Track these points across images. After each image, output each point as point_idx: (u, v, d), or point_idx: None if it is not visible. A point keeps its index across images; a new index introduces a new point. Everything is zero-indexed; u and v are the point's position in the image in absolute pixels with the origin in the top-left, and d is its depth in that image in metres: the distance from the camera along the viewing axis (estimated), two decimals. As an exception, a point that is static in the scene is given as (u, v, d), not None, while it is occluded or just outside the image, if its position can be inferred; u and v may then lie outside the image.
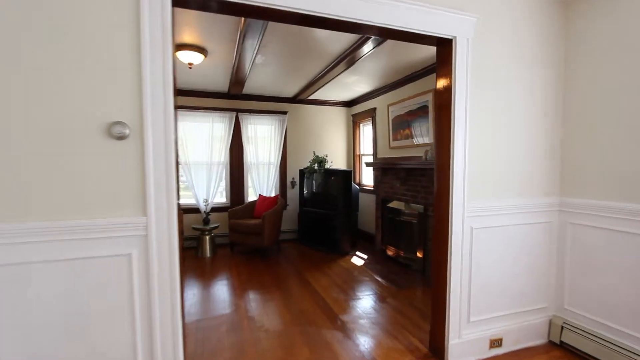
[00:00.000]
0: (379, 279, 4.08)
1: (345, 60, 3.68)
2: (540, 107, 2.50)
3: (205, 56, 3.66)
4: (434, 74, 4.14)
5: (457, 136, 2.24)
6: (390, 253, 4.88)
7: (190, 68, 3.62)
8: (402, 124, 4.76)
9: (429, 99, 4.10)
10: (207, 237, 5.16)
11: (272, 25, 2.97)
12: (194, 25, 3.02)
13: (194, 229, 5.12)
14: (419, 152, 4.43)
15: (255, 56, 3.67)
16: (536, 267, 2.57)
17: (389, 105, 5.06)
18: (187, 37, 3.28)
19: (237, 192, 5.85)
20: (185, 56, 3.48)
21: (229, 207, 5.67)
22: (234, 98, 5.69)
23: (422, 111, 4.28)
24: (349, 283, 3.93)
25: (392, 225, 4.84)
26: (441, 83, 2.34)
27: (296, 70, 4.32)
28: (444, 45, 2.28)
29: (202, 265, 4.65)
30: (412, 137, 4.56)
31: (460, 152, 2.26)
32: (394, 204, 4.79)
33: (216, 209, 5.69)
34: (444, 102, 2.32)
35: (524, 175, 2.48)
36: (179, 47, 3.40)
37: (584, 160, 2.44)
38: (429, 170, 3.97)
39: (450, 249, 2.29)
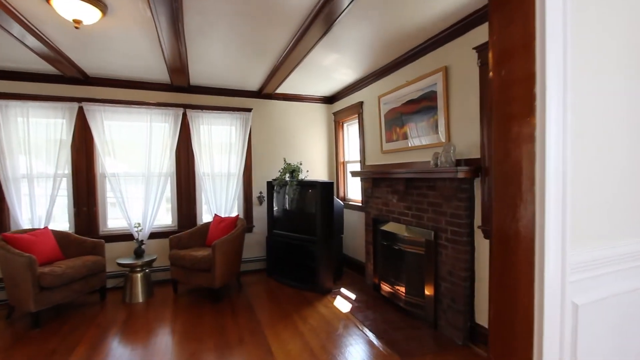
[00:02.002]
0: (373, 338, 2.83)
1: (317, 20, 2.49)
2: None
3: (104, 13, 2.39)
4: (444, 47, 2.86)
5: (549, 130, 1.04)
6: (386, 291, 3.65)
7: (77, 28, 2.35)
8: (398, 120, 3.60)
9: (438, 81, 2.95)
10: (139, 275, 3.80)
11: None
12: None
13: (120, 264, 3.75)
14: (424, 156, 3.26)
15: (181, 16, 2.45)
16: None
17: (380, 97, 3.90)
18: (60, -27, 2.02)
19: (187, 211, 4.53)
20: (66, 7, 2.21)
21: (177, 232, 4.34)
22: (181, 91, 4.42)
23: (426, 100, 3.12)
24: (329, 349, 2.66)
25: (388, 254, 3.63)
26: (506, 35, 1.17)
27: (253, 43, 3.11)
28: None
29: (124, 318, 3.28)
30: (413, 137, 3.39)
31: (555, 156, 1.05)
32: (390, 227, 3.57)
33: (159, 234, 4.34)
34: (516, 71, 1.14)
35: (651, 191, 1.31)
36: (51, -10, 2.14)
37: None
38: (441, 182, 2.79)
39: (541, 350, 1.06)
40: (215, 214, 4.39)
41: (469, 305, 2.69)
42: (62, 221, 4.10)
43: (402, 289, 3.35)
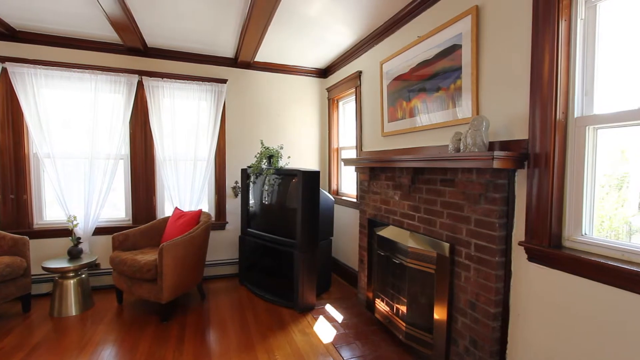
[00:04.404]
0: (360, 392, 2.02)
1: None
2: None
3: None
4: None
5: None
6: (381, 313, 2.82)
7: None
8: (404, 92, 2.72)
9: (465, 29, 2.06)
10: (73, 282, 3.03)
11: None
12: None
13: (46, 269, 2.97)
14: (438, 139, 2.39)
15: None
16: None
17: (382, 63, 3.01)
18: None
19: (145, 203, 3.72)
20: None
21: (131, 227, 3.56)
22: (136, 53, 3.57)
23: (446, 58, 2.24)
24: (295, 411, 1.86)
25: (386, 268, 2.79)
26: None
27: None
28: None
29: (38, 341, 2.51)
30: (424, 113, 2.51)
31: None
32: (389, 232, 2.73)
33: (108, 230, 3.55)
34: None
35: None
36: None
37: None
38: (464, 173, 1.93)
39: None
40: (176, 207, 3.58)
41: (498, 355, 1.85)
42: (-15, 211, 3.32)
43: (403, 316, 2.52)
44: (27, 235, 3.14)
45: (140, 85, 3.57)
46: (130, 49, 3.49)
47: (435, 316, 2.21)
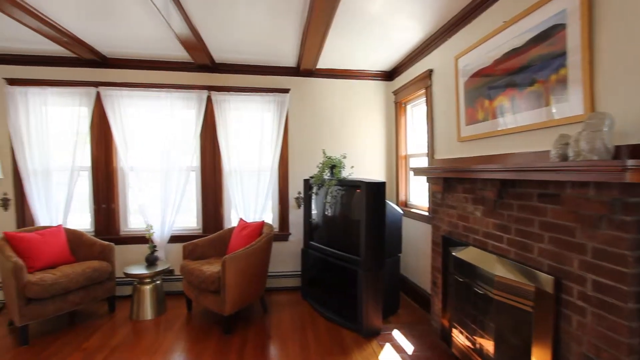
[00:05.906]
0: None
1: None
2: None
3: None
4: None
5: None
6: (460, 349, 2.40)
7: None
8: (486, 90, 2.31)
9: (572, 4, 1.62)
10: (149, 288, 3.22)
11: None
12: None
13: (127, 274, 3.20)
14: (534, 144, 1.94)
15: None
16: None
17: (457, 58, 2.63)
18: None
19: (214, 213, 3.85)
20: None
21: (201, 236, 3.70)
22: (205, 70, 3.73)
23: (543, 44, 1.80)
24: None
25: (466, 296, 2.37)
26: None
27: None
28: None
29: (117, 343, 2.68)
30: (513, 114, 2.08)
31: None
32: (469, 255, 2.32)
33: (182, 238, 3.73)
34: None
35: None
36: None
37: None
38: (575, 188, 1.49)
39: None
40: (240, 218, 3.62)
41: None
42: (85, 219, 3.76)
43: (488, 358, 2.09)
44: (114, 241, 3.44)
45: (209, 100, 3.73)
46: (200, 66, 3.66)
47: (531, 355, 1.76)
